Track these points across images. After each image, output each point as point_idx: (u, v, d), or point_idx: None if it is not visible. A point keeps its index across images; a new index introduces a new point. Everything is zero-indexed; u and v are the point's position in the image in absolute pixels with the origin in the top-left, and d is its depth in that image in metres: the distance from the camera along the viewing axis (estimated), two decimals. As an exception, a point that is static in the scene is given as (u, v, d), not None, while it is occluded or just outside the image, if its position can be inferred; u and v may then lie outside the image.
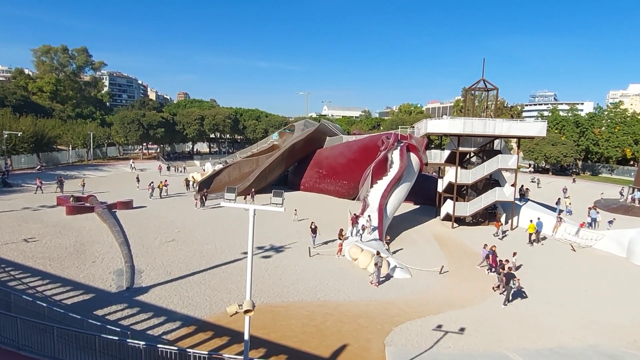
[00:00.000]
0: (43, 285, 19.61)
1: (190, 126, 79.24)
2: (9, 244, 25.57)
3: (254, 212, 9.04)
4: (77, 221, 31.93)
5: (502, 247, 28.34)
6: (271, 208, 9.19)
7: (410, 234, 32.58)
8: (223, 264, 23.72)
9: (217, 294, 19.61)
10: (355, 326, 17.07)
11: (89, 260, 23.44)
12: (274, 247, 27.32)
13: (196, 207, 38.86)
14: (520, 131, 33.52)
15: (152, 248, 26.26)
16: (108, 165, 67.72)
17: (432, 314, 18.61)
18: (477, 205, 34.24)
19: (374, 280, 21.50)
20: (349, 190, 44.97)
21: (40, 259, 23.22)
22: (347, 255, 25.00)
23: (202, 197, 39.75)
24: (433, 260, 26.24)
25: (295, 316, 17.70)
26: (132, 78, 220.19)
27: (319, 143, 48.89)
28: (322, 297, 19.96)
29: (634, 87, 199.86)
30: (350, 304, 19.33)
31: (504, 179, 36.25)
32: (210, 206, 39.59)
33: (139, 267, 22.63)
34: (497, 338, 16.65)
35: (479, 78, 35.66)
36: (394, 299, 20.22)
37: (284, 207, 9.39)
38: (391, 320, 17.71)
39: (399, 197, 32.59)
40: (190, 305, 18.26)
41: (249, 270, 10.12)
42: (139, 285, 20.24)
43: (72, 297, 18.56)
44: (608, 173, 77.52)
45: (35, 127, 57.28)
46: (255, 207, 8.83)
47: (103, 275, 21.34)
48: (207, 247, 26.72)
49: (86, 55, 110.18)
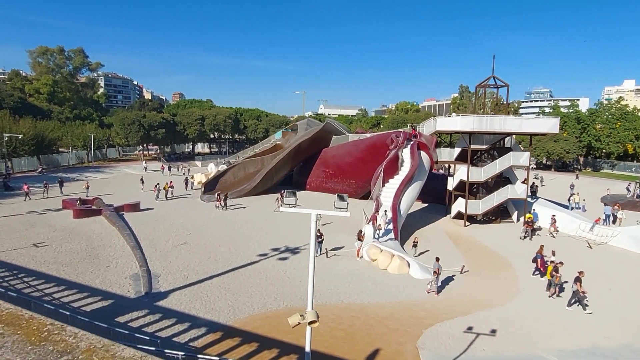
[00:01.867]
0: (59, 292, 19.09)
1: (190, 126, 78.59)
2: (18, 249, 25.02)
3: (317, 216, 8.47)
4: (85, 225, 31.38)
5: (524, 246, 28.13)
6: (335, 213, 8.74)
7: (424, 233, 32.23)
8: (240, 267, 23.27)
9: (239, 298, 19.16)
10: (384, 329, 16.71)
11: (103, 265, 22.94)
12: (289, 248, 26.89)
13: (217, 209, 38.42)
14: (533, 128, 33.26)
15: (165, 251, 25.78)
16: (109, 167, 66.99)
17: (459, 315, 18.26)
18: (489, 203, 33.95)
19: (433, 288, 20.41)
20: (357, 190, 44.62)
21: (53, 265, 22.70)
22: (366, 256, 24.60)
23: (225, 199, 39.38)
24: (450, 260, 25.89)
25: (321, 320, 17.14)
26: (127, 79, 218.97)
27: (324, 142, 48.47)
28: (345, 299, 19.57)
29: (629, 83, 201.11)
30: (375, 306, 18.95)
31: (515, 177, 35.97)
32: (232, 207, 39.26)
33: (155, 272, 22.15)
34: (529, 339, 16.32)
35: (489, 75, 35.41)
36: (419, 300, 19.86)
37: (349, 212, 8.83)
38: (420, 323, 17.36)
39: (412, 196, 32.24)
40: (213, 310, 17.81)
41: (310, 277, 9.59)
42: (158, 290, 19.77)
43: (90, 303, 18.06)
44: (609, 169, 77.61)
45: (36, 129, 56.50)
46: (319, 212, 8.32)
47: (119, 280, 20.85)
48: (221, 250, 26.26)
49: (83, 56, 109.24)
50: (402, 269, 22.78)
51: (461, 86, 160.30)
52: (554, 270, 20.37)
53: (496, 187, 35.57)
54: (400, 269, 22.77)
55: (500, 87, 36.76)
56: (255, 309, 18.11)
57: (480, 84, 37.03)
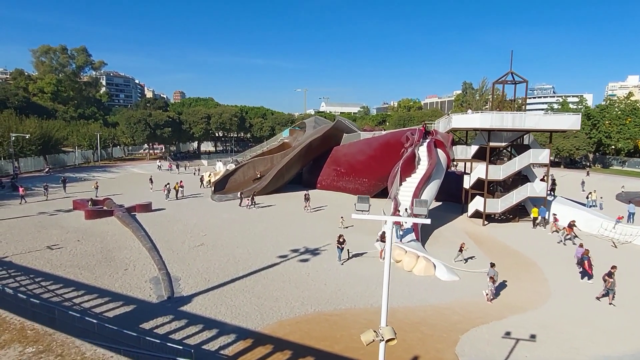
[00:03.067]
0: (79, 297, 18.53)
1: (196, 125, 77.89)
2: (32, 252, 24.46)
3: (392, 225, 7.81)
4: (97, 226, 30.82)
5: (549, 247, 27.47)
6: (411, 219, 8.07)
7: (442, 233, 31.59)
8: (261, 270, 22.66)
9: (265, 302, 18.55)
10: (419, 335, 16.10)
11: (121, 268, 22.35)
12: (308, 249, 26.27)
13: (248, 208, 38.59)
14: (554, 125, 32.53)
15: (182, 253, 25.18)
16: (116, 167, 66.39)
17: (494, 319, 17.64)
18: (508, 202, 33.27)
19: (489, 295, 19.51)
20: (369, 188, 43.96)
21: (69, 268, 22.13)
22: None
23: (253, 197, 39.57)
24: (475, 261, 25.29)
25: (353, 325, 16.67)
26: (129, 77, 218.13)
27: (335, 140, 47.80)
28: (373, 303, 18.93)
29: (632, 78, 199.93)
30: (405, 310, 18.32)
31: (534, 174, 35.29)
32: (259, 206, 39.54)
33: (174, 275, 21.56)
34: (571, 344, 15.69)
35: (507, 70, 34.65)
36: (449, 304, 19.23)
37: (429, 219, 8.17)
38: (454, 328, 16.74)
39: (431, 195, 31.58)
40: (240, 315, 17.20)
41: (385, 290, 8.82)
42: (180, 295, 19.18)
43: (112, 309, 17.48)
44: (619, 165, 76.82)
45: (42, 129, 55.87)
46: (395, 219, 7.67)
47: (139, 284, 20.26)
48: (239, 252, 25.64)
49: (86, 55, 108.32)
50: (428, 271, 22.17)
51: (464, 83, 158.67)
52: (607, 275, 19.58)
53: (514, 185, 34.91)
54: (427, 271, 22.15)
55: (518, 82, 36.02)
56: (283, 313, 17.50)
57: (498, 80, 36.23)
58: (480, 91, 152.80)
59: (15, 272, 21.23)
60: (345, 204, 40.02)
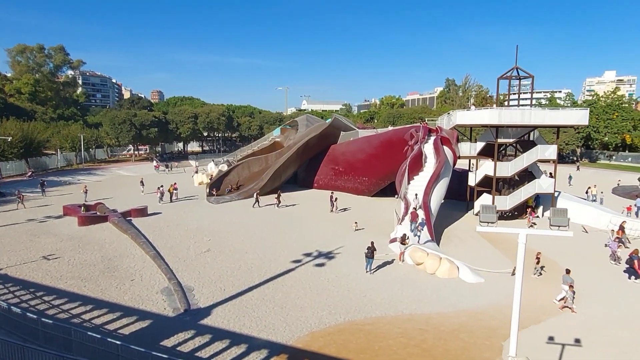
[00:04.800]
0: (88, 312, 17.08)
1: (183, 125, 75.76)
2: (28, 263, 22.78)
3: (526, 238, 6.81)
4: (92, 233, 29.14)
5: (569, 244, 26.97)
6: (550, 232, 7.11)
7: (452, 232, 30.92)
8: (277, 276, 21.49)
9: (290, 312, 17.42)
10: (460, 343, 15.23)
11: (127, 279, 20.89)
12: (321, 253, 25.18)
13: (275, 207, 38.27)
14: (563, 120, 32.16)
15: (189, 260, 23.81)
16: (100, 169, 63.95)
17: (532, 323, 16.89)
18: (516, 199, 32.83)
19: (569, 304, 18.10)
20: (370, 187, 43.13)
21: (71, 280, 20.59)
22: (409, 260, 23.07)
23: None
24: (494, 261, 24.63)
25: (389, 335, 15.70)
26: (105, 77, 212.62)
27: (333, 138, 46.75)
28: (404, 309, 18.00)
29: (609, 74, 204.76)
30: (439, 316, 17.43)
31: (540, 170, 34.95)
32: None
33: (186, 284, 20.21)
34: (619, 349, 15.05)
35: (513, 66, 34.21)
36: (483, 308, 18.44)
37: (572, 232, 7.19)
38: (495, 334, 15.94)
39: (440, 194, 30.88)
40: (266, 328, 16.04)
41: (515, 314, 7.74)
42: (197, 306, 17.89)
43: (127, 325, 16.11)
44: (606, 159, 78.03)
45: (23, 131, 53.23)
46: (529, 232, 6.68)
47: (150, 296, 18.88)
48: (249, 257, 24.39)
49: (63, 54, 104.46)
50: (452, 273, 21.36)
51: (447, 79, 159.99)
52: None
53: (518, 182, 34.51)
54: (450, 273, 21.34)
55: (523, 78, 35.61)
56: (312, 324, 16.41)
57: (503, 76, 35.73)
58: (463, 87, 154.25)
59: (13, 286, 19.61)
60: (347, 203, 39.02)
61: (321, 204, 39.55)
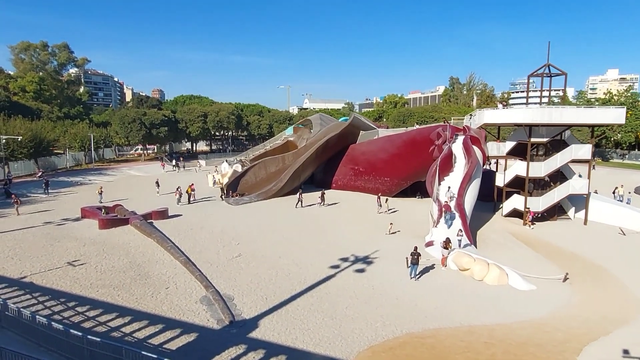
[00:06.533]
0: (128, 325, 16.02)
1: (193, 124, 74.55)
2: (53, 270, 21.69)
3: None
4: (114, 236, 28.05)
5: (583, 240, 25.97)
6: None
7: (486, 235, 29.89)
8: (318, 283, 20.46)
9: (342, 323, 16.40)
10: (532, 358, 14.21)
11: (161, 287, 19.85)
12: (358, 257, 24.14)
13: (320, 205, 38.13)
14: (599, 119, 31.14)
15: (221, 266, 22.75)
16: (111, 169, 62.78)
17: (601, 334, 15.95)
18: (550, 200, 31.83)
19: None
20: (391, 187, 42.04)
21: (102, 288, 19.52)
22: (452, 265, 22.05)
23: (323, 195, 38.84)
24: (539, 266, 23.62)
25: (453, 349, 14.69)
26: (107, 75, 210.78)
27: (352, 137, 45.65)
28: (461, 320, 16.98)
29: (612, 72, 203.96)
30: (501, 328, 16.42)
31: (572, 171, 33.91)
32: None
33: (225, 293, 19.16)
34: None
35: (545, 63, 33.13)
36: (543, 318, 17.44)
37: None
38: (565, 348, 14.95)
39: (474, 195, 29.88)
40: (321, 342, 15.02)
41: None
42: (242, 318, 16.85)
43: (171, 339, 15.07)
44: (619, 158, 77.01)
45: (32, 130, 52.02)
46: None
47: (190, 306, 17.82)
48: (284, 263, 23.35)
49: (68, 52, 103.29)
50: (502, 280, 20.37)
51: (451, 78, 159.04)
52: None
53: (548, 182, 33.49)
54: (500, 280, 20.35)
55: (554, 75, 34.52)
56: (369, 337, 15.39)
57: (534, 73, 34.62)
58: (467, 86, 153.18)
59: (41, 296, 18.53)
60: (368, 204, 37.97)
61: (343, 205, 38.68)
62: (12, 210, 33.76)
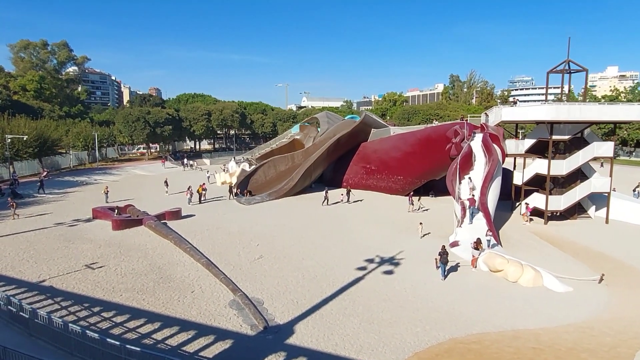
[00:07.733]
0: (159, 331, 15.36)
1: (197, 122, 73.73)
2: (72, 273, 21.00)
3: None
4: (129, 237, 27.34)
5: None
6: None
7: (508, 234, 29.30)
8: (348, 286, 19.84)
9: (381, 328, 15.79)
10: (585, 365, 13.64)
11: (186, 290, 19.19)
12: (383, 258, 23.53)
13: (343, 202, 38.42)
14: (622, 116, 30.60)
15: (244, 268, 22.09)
16: (115, 168, 61.95)
17: (650, 339, 15.35)
18: (571, 198, 31.31)
19: None
20: (405, 186, 41.45)
21: (126, 292, 18.85)
22: (483, 266, 21.47)
23: (348, 192, 39.13)
24: (570, 266, 23.08)
25: (502, 356, 14.11)
26: (105, 74, 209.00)
27: (363, 136, 45.06)
28: (503, 324, 16.39)
29: (612, 69, 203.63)
30: (546, 332, 15.84)
31: (592, 169, 33.40)
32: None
33: (254, 297, 18.51)
34: None
35: (565, 59, 32.55)
36: (587, 321, 16.87)
37: None
38: (617, 353, 14.39)
39: (496, 193, 29.30)
40: (363, 348, 14.41)
41: None
42: (275, 323, 16.21)
43: (207, 346, 14.42)
44: (626, 156, 76.78)
45: (36, 129, 51.13)
46: None
47: (219, 311, 17.17)
48: (309, 264, 22.71)
49: (67, 50, 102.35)
50: (537, 281, 19.79)
51: (452, 75, 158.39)
52: None
53: (567, 181, 32.96)
54: (535, 282, 19.77)
55: (574, 71, 33.97)
56: (412, 343, 14.79)
57: (553, 69, 34.01)
58: (468, 83, 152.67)
59: (63, 301, 17.85)
60: (380, 203, 37.43)
61: (361, 204, 38.19)
62: (19, 210, 32.88)
